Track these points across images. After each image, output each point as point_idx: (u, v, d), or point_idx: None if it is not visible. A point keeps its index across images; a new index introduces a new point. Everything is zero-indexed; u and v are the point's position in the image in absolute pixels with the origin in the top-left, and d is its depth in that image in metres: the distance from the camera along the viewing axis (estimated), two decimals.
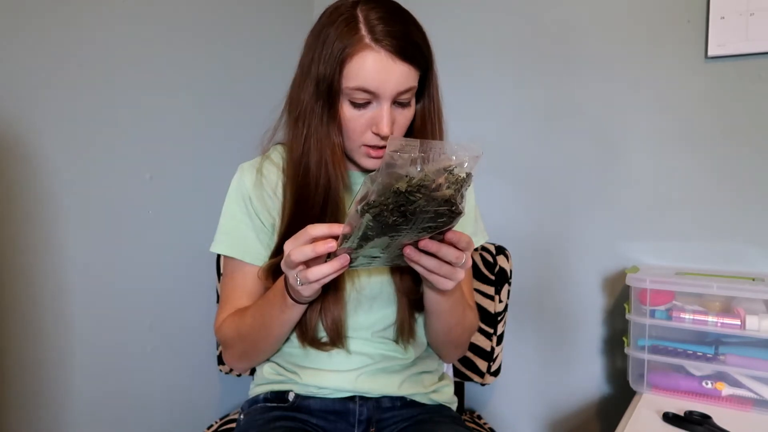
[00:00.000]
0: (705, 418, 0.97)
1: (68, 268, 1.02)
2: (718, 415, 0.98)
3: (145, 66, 1.14)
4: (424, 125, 0.86)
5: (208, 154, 1.29)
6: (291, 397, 0.91)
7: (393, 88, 0.77)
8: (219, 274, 1.19)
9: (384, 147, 0.80)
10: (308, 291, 0.71)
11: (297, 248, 0.67)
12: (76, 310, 1.03)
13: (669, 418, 0.99)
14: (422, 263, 0.68)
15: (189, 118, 1.24)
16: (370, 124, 0.80)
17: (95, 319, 1.06)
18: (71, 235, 1.02)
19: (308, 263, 0.69)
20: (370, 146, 0.81)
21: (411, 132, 0.86)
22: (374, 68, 0.76)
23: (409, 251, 0.67)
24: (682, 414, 0.99)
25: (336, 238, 0.67)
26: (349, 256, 0.66)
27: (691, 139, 1.27)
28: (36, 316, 0.98)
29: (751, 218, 1.23)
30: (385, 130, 0.78)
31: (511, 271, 1.18)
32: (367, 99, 0.78)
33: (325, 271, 0.67)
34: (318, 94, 0.80)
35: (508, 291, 1.18)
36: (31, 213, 0.97)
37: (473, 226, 0.96)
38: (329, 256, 0.68)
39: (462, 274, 0.71)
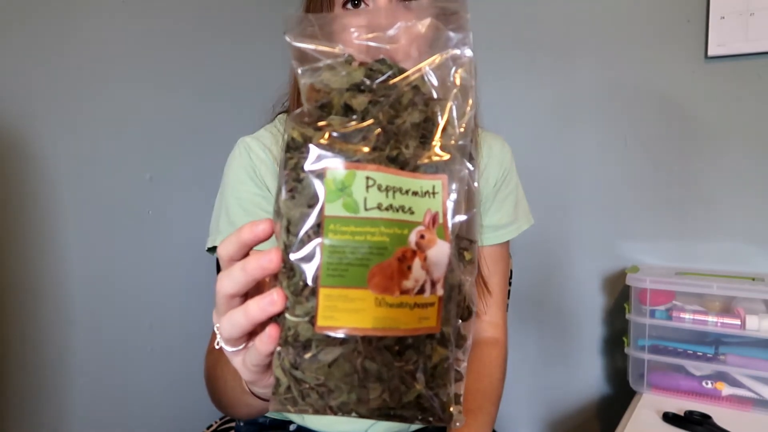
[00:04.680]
0: (705, 418, 0.97)
1: (68, 268, 1.02)
2: (718, 415, 0.98)
3: (145, 66, 1.14)
4: None
5: (208, 154, 1.28)
6: (292, 428, 0.83)
7: None
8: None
9: None
10: (236, 362, 0.40)
11: (224, 272, 0.39)
12: (76, 310, 1.03)
13: (669, 418, 0.99)
14: None
15: (189, 119, 1.24)
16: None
17: (95, 319, 1.06)
18: (71, 235, 1.02)
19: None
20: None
21: None
22: None
23: None
24: (682, 414, 0.99)
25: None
26: (284, 295, 0.34)
27: (691, 139, 1.27)
28: (36, 316, 0.98)
29: (751, 218, 1.23)
30: None
31: (511, 271, 1.18)
32: None
33: (239, 321, 0.36)
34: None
35: (509, 291, 1.18)
36: (30, 213, 0.97)
37: (514, 212, 0.84)
38: None
39: None
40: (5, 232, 0.93)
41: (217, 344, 0.40)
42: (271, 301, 0.34)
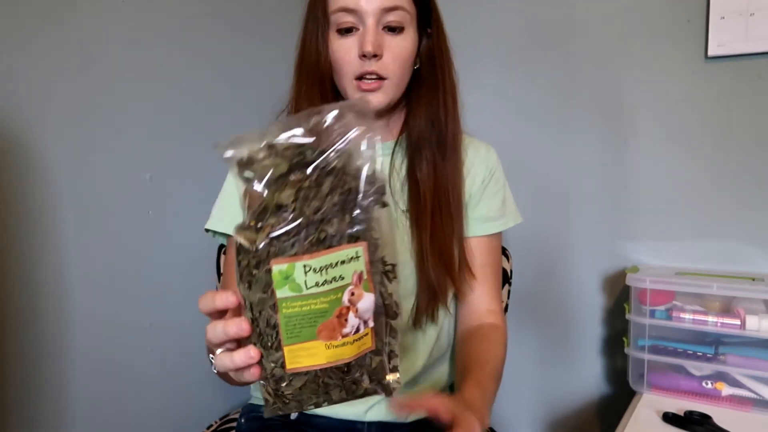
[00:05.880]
0: (705, 418, 0.97)
1: (68, 268, 1.02)
2: (718, 415, 0.98)
3: (144, 65, 1.14)
4: (432, 72, 0.82)
5: (209, 154, 1.28)
6: (293, 415, 0.86)
7: (374, 4, 0.73)
8: (219, 273, 1.18)
9: (375, 78, 0.75)
10: (229, 373, 0.51)
11: (210, 325, 0.50)
12: (76, 310, 1.03)
13: (669, 418, 0.99)
14: None
15: (189, 118, 1.24)
16: (359, 52, 0.75)
17: (95, 319, 1.06)
18: (71, 235, 1.02)
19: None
20: (360, 78, 0.76)
21: (418, 77, 0.82)
22: None
23: None
24: (682, 414, 0.99)
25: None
26: (258, 350, 0.46)
27: (691, 139, 1.27)
28: (36, 316, 0.98)
29: (751, 218, 1.23)
30: (366, 46, 0.73)
31: (511, 271, 1.18)
32: (351, 22, 0.75)
33: (226, 364, 0.48)
34: (312, 36, 0.78)
35: (509, 291, 1.18)
36: (30, 213, 0.97)
37: (501, 208, 0.90)
38: None
39: None
40: (5, 231, 0.93)
41: (214, 368, 0.52)
42: (249, 356, 0.46)
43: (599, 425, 1.41)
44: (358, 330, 0.47)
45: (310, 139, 0.45)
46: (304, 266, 0.44)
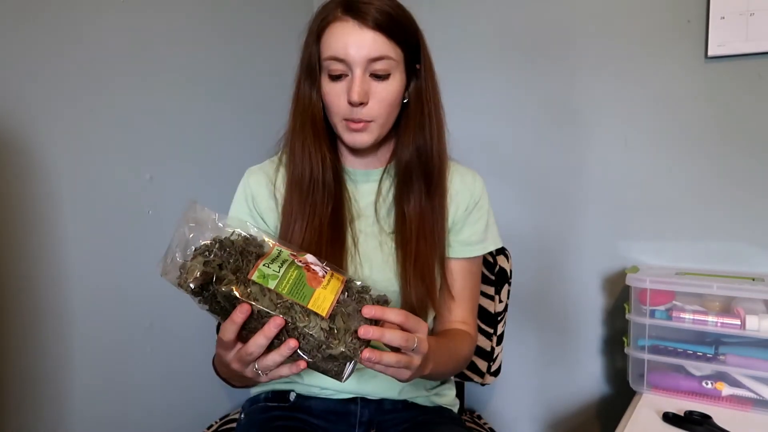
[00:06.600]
0: (705, 418, 0.97)
1: (68, 268, 1.02)
2: (718, 415, 0.98)
3: (145, 66, 1.14)
4: (420, 107, 0.85)
5: (209, 155, 1.29)
6: (292, 397, 0.91)
7: (362, 54, 0.77)
8: None
9: (361, 120, 0.81)
10: (273, 376, 0.66)
11: (263, 361, 0.63)
12: (76, 310, 1.03)
13: (669, 418, 0.99)
14: (383, 362, 0.63)
15: (189, 118, 1.24)
16: (347, 99, 0.80)
17: (95, 319, 1.06)
18: (71, 235, 1.02)
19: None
20: (348, 119, 0.82)
21: (407, 109, 0.86)
22: (342, 35, 0.78)
23: (368, 354, 0.62)
24: (682, 414, 0.99)
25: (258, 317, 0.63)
26: (297, 341, 0.62)
27: (691, 139, 1.27)
28: (36, 316, 0.98)
29: (751, 218, 1.23)
30: (353, 96, 0.78)
31: (511, 271, 1.18)
32: (341, 70, 0.79)
33: (278, 360, 0.63)
34: (305, 76, 0.83)
35: (508, 291, 1.18)
36: (30, 213, 0.97)
37: (483, 233, 0.94)
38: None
39: (417, 360, 0.67)
40: (5, 231, 0.93)
41: (260, 376, 0.66)
42: (289, 347, 0.62)
43: (599, 425, 1.42)
44: (325, 271, 0.68)
45: (203, 242, 0.68)
46: (264, 264, 0.65)
